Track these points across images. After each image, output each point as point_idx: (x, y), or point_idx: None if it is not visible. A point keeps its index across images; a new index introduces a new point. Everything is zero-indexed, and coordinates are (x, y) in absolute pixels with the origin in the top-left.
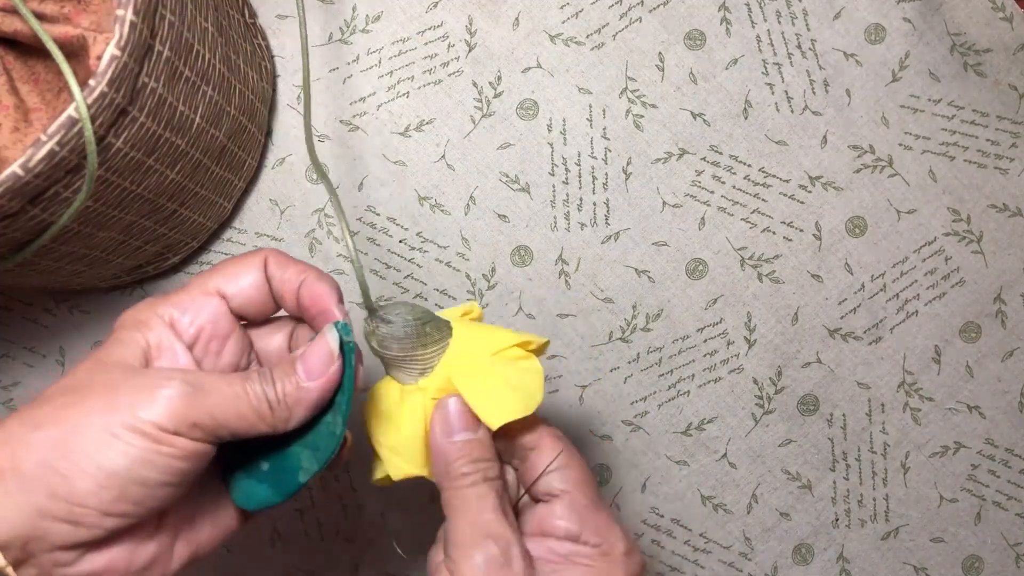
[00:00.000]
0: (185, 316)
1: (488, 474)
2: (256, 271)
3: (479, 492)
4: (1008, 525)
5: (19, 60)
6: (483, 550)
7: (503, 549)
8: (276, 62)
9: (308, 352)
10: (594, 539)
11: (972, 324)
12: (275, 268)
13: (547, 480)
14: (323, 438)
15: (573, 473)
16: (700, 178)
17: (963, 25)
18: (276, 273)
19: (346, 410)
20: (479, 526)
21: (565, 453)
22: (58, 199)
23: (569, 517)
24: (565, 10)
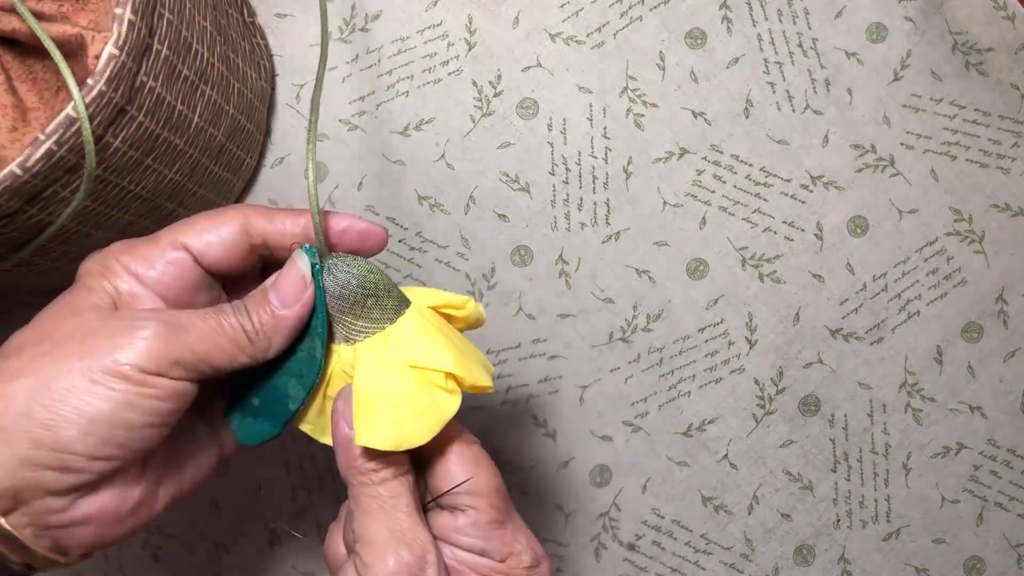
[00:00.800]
0: (151, 270)
1: (399, 470)
2: (228, 228)
3: (391, 490)
4: (1010, 526)
5: (17, 59)
6: (397, 555)
7: (418, 557)
8: (275, 61)
9: (280, 280)
10: (498, 555)
11: (974, 324)
12: (263, 222)
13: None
14: (305, 364)
15: (481, 483)
16: (701, 177)
17: (965, 24)
18: (265, 227)
19: (323, 332)
20: (393, 529)
21: (472, 462)
22: (56, 199)
23: (474, 535)
24: (565, 9)
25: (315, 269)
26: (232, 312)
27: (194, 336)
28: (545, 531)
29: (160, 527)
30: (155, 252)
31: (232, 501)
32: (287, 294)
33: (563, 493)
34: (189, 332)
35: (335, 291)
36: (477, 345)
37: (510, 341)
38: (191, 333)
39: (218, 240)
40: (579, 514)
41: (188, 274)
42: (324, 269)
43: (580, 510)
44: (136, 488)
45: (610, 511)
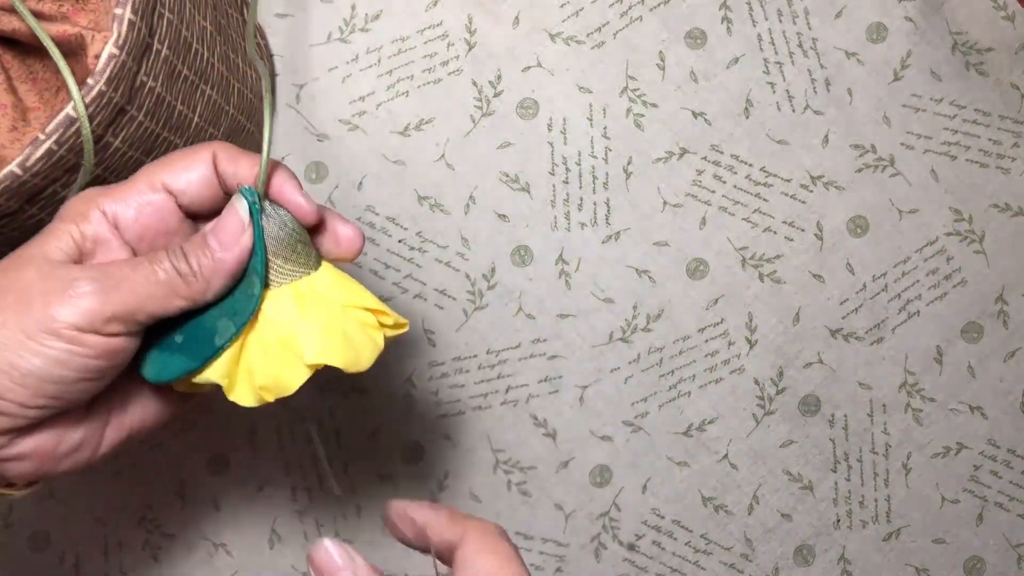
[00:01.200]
0: (129, 211)
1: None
2: (204, 166)
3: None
4: (1010, 526)
5: (17, 59)
6: None
7: None
8: (275, 61)
9: (219, 224)
10: None
11: (974, 324)
12: (226, 163)
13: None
14: (240, 302)
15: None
16: (701, 177)
17: (965, 24)
18: (228, 169)
19: (262, 271)
20: None
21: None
22: (56, 198)
23: None
24: (565, 9)
25: (253, 209)
26: (167, 257)
27: (128, 288)
28: (545, 531)
29: (160, 527)
30: (133, 192)
31: (232, 501)
32: (226, 236)
33: (563, 493)
34: (122, 285)
35: (271, 231)
36: (477, 345)
37: (510, 341)
38: (124, 285)
39: (196, 178)
40: (579, 514)
41: (168, 216)
42: (262, 211)
43: (580, 510)
44: (76, 430)
45: (610, 511)
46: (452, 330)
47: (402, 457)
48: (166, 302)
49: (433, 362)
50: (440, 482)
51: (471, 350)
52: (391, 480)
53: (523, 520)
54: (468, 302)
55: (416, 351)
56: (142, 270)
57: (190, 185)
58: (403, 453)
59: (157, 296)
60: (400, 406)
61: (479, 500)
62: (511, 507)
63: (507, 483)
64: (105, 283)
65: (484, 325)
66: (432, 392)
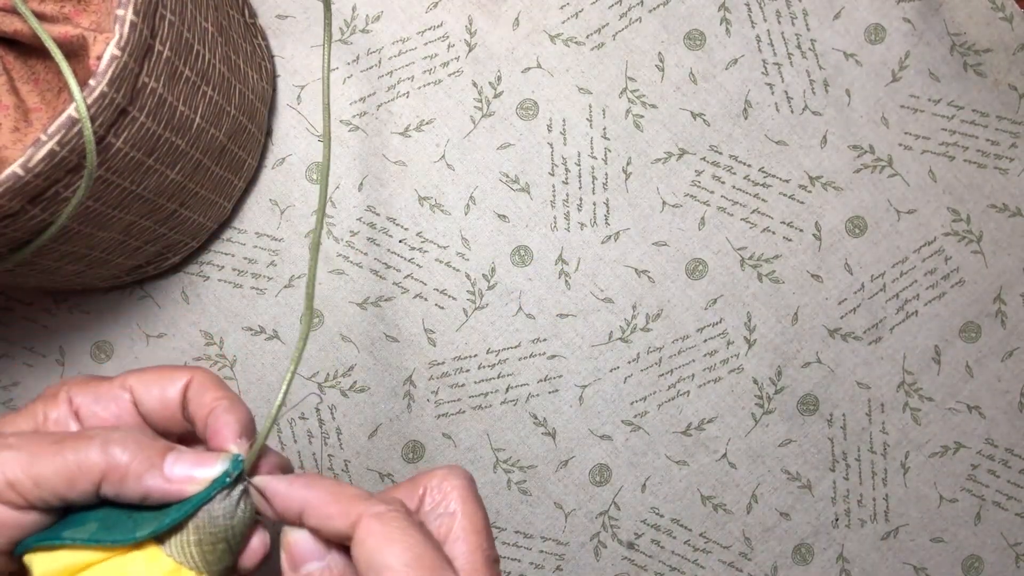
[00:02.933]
0: (94, 405)
1: None
2: (173, 388)
3: None
4: (1008, 525)
5: (19, 60)
6: None
7: None
8: (276, 62)
9: (191, 457)
10: None
11: (972, 324)
12: (195, 390)
13: None
14: (124, 524)
15: None
16: (700, 178)
17: (963, 25)
18: (194, 397)
19: (166, 525)
20: None
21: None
22: (58, 199)
23: None
24: (565, 10)
25: (222, 478)
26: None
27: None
28: (545, 530)
29: None
30: (104, 388)
31: None
32: (183, 472)
33: (563, 492)
34: (38, 459)
35: (215, 510)
36: (477, 344)
37: (510, 341)
38: (40, 460)
39: (160, 395)
40: (579, 513)
41: (127, 417)
42: (227, 489)
43: (580, 509)
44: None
45: (609, 510)
46: (452, 330)
47: (402, 457)
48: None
49: (433, 362)
50: None
51: (471, 350)
52: (391, 480)
53: (523, 519)
54: (468, 302)
55: (416, 351)
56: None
57: (151, 399)
58: (403, 453)
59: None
60: (400, 406)
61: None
62: (511, 506)
63: (507, 482)
64: (38, 447)
65: (484, 325)
66: (432, 392)
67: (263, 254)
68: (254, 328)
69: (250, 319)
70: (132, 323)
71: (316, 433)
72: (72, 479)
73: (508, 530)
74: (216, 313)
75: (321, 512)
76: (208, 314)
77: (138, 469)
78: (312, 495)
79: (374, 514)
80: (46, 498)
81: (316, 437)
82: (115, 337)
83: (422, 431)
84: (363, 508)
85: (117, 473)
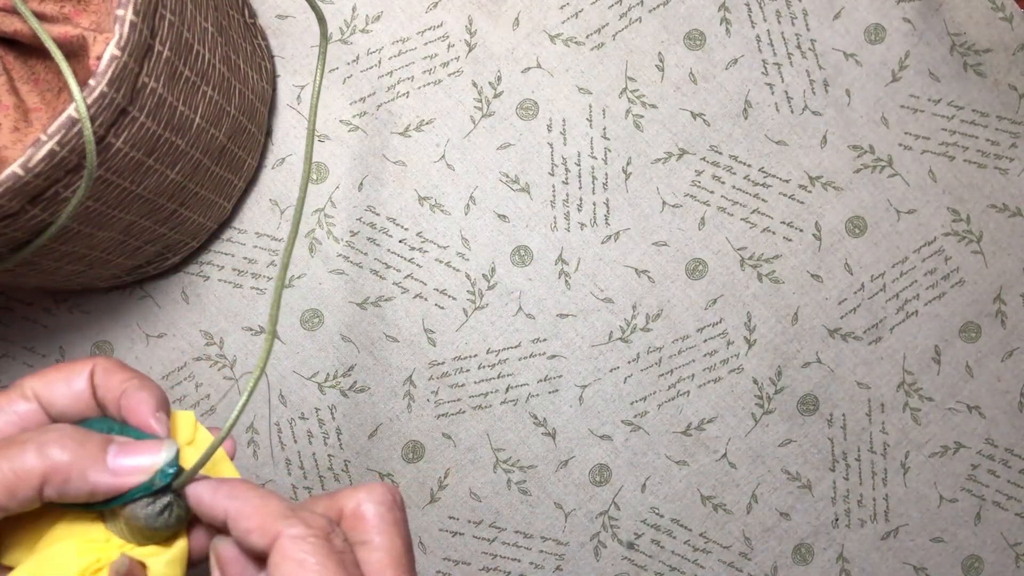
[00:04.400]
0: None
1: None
2: (79, 379)
3: None
4: (1008, 525)
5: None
6: None
7: None
8: (276, 62)
9: (133, 445)
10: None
11: (972, 324)
12: (101, 376)
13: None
14: None
15: None
16: (700, 178)
17: (963, 25)
18: (101, 382)
19: (97, 507)
20: None
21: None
22: (58, 199)
23: None
24: (565, 10)
25: (159, 476)
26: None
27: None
28: (545, 530)
29: None
30: (4, 400)
31: None
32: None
33: (563, 492)
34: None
35: (136, 511)
36: (477, 344)
37: (510, 341)
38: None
39: (68, 391)
40: (579, 513)
41: (35, 425)
42: (152, 496)
43: (580, 509)
44: None
45: (609, 510)
46: (452, 330)
47: (402, 457)
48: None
49: (433, 362)
50: (440, 481)
51: (471, 350)
52: (391, 479)
53: (523, 519)
54: (468, 302)
55: (416, 351)
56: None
57: (60, 397)
58: (403, 453)
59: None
60: (400, 406)
61: (479, 499)
62: (511, 506)
63: (507, 482)
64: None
65: (484, 325)
66: (432, 392)
67: (263, 254)
68: (254, 328)
69: (250, 319)
70: (132, 323)
71: (316, 433)
72: (11, 489)
73: (508, 530)
74: (216, 313)
75: (241, 526)
76: (208, 314)
77: (81, 466)
78: (233, 506)
79: (291, 536)
80: None
81: (316, 437)
82: (115, 337)
83: (422, 431)
84: (282, 527)
85: (59, 475)
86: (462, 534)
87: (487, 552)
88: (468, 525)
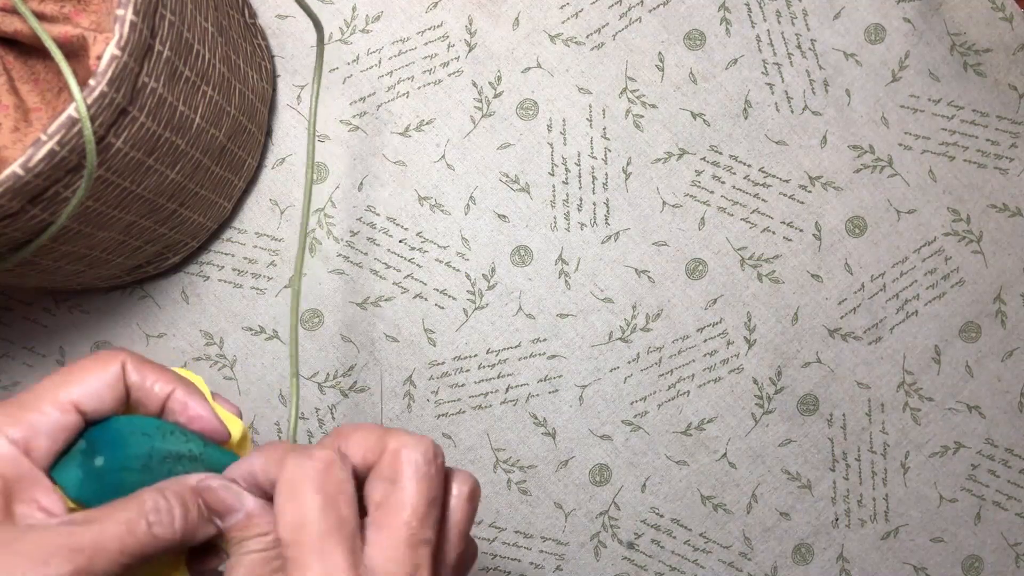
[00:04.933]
0: (39, 438)
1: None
2: (116, 380)
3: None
4: (1008, 525)
5: (19, 60)
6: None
7: None
8: (276, 62)
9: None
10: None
11: (972, 324)
12: (133, 375)
13: None
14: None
15: None
16: (700, 178)
17: (963, 25)
18: (135, 381)
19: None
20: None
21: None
22: (58, 199)
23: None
24: (565, 10)
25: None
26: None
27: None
28: (545, 529)
29: None
30: (41, 419)
31: None
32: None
33: (563, 492)
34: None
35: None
36: (477, 344)
37: (510, 341)
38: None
39: (108, 396)
40: (579, 513)
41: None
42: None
43: (580, 509)
44: None
45: (609, 510)
46: (452, 330)
47: None
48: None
49: (433, 362)
50: None
51: (471, 350)
52: None
53: (523, 519)
54: (468, 302)
55: (416, 351)
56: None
57: (103, 403)
58: None
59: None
60: (400, 406)
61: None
62: (511, 506)
63: (507, 482)
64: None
65: (484, 325)
66: (432, 392)
67: (263, 254)
68: (254, 328)
69: (250, 319)
70: (132, 323)
71: (316, 433)
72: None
73: (508, 530)
74: (216, 313)
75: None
76: (208, 314)
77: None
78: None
79: (293, 464)
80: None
81: (316, 437)
82: (115, 337)
83: (422, 431)
84: (289, 457)
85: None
86: None
87: (487, 552)
88: None
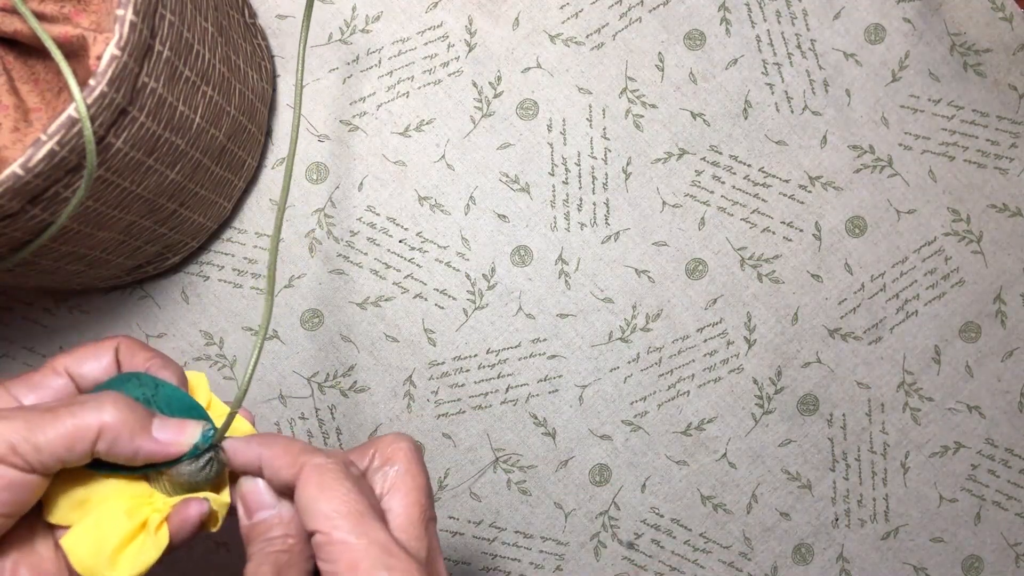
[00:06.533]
0: (32, 393)
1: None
2: (107, 356)
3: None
4: (1008, 525)
5: (19, 60)
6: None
7: None
8: (276, 62)
9: (174, 423)
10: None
11: (972, 324)
12: (124, 354)
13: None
14: None
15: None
16: (700, 178)
17: (963, 25)
18: (125, 360)
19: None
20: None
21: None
22: (58, 199)
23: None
24: (565, 10)
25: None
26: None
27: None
28: (545, 530)
29: None
30: (37, 377)
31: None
32: (168, 437)
33: (563, 492)
34: (51, 422)
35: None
36: (477, 344)
37: (510, 341)
38: (53, 422)
39: (98, 366)
40: (578, 513)
41: (67, 397)
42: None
43: (579, 509)
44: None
45: (609, 510)
46: (452, 330)
47: None
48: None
49: (433, 362)
50: (440, 481)
51: (471, 350)
52: None
53: (523, 519)
54: (468, 302)
55: (416, 351)
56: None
57: (91, 371)
58: None
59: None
60: (400, 406)
61: (479, 499)
62: (511, 506)
63: (507, 482)
64: (34, 416)
65: (484, 325)
66: (432, 392)
67: (263, 254)
68: (254, 328)
69: (250, 319)
70: (132, 323)
71: (316, 433)
72: (71, 442)
73: (508, 530)
74: (216, 313)
75: (273, 464)
76: (208, 314)
77: (131, 429)
78: (266, 452)
79: (314, 465)
80: (46, 462)
81: (316, 437)
82: None
83: (422, 431)
84: (306, 459)
85: (111, 433)
86: (462, 534)
87: (487, 552)
88: (468, 525)
